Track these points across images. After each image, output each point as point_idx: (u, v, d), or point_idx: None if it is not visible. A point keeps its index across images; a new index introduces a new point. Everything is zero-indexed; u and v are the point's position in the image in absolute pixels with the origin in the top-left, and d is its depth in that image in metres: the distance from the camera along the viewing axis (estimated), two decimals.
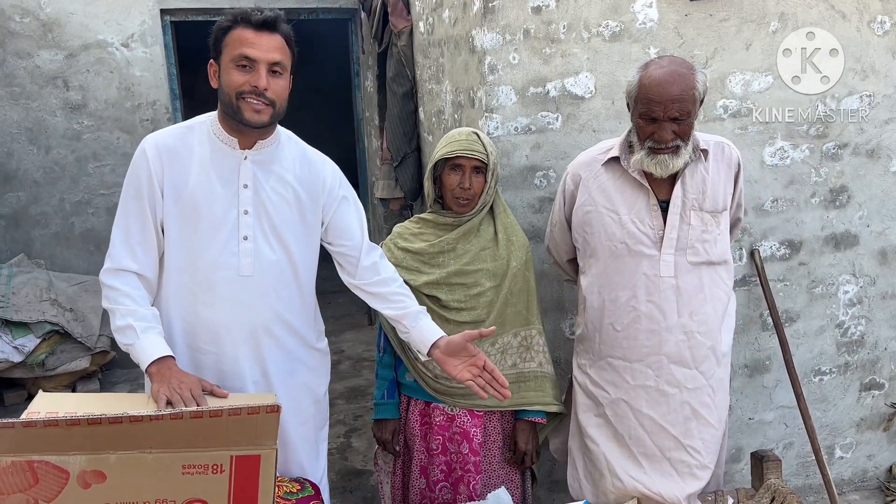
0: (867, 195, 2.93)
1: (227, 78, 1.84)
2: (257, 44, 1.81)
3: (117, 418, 1.41)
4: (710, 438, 2.18)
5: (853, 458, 3.18)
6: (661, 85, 1.96)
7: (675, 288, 2.13)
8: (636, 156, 2.07)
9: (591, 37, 2.57)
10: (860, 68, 2.80)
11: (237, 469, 1.47)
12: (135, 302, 1.86)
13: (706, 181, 2.13)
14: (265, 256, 1.94)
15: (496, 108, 2.56)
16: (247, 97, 1.82)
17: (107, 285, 1.88)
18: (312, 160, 2.05)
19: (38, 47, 4.69)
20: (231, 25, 1.84)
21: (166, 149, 1.89)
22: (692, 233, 2.12)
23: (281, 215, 1.95)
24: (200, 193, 1.89)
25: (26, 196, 4.83)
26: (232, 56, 1.82)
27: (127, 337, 1.84)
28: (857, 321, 3.03)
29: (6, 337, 4.21)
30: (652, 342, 2.16)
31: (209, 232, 1.89)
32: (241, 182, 1.92)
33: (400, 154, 3.78)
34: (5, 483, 1.44)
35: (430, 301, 2.24)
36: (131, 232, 1.88)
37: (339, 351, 5.25)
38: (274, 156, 1.97)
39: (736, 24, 2.67)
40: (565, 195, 2.30)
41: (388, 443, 2.37)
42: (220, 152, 1.91)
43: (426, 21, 3.35)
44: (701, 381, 2.17)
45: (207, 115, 1.97)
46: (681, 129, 2.01)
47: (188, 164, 1.89)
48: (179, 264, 1.91)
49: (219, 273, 1.91)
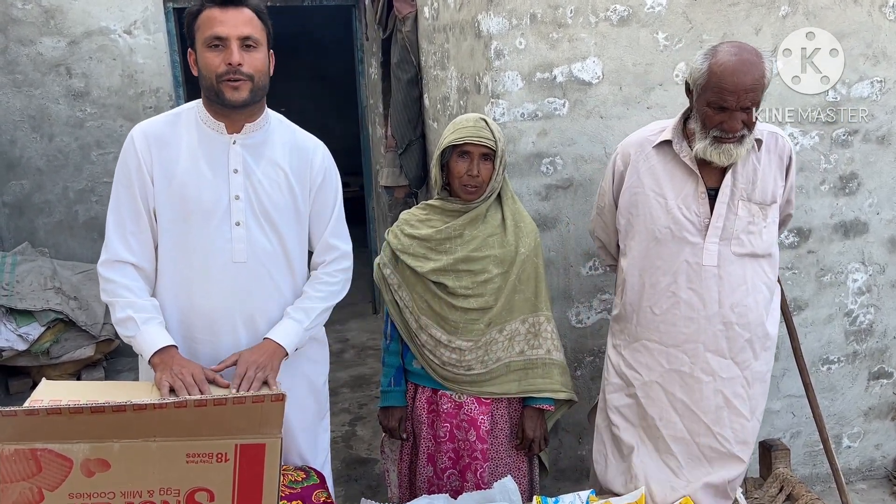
0: (877, 182, 2.89)
1: (203, 62, 1.83)
2: (224, 21, 1.79)
3: (121, 407, 1.40)
4: (740, 428, 2.16)
5: (861, 448, 3.16)
6: (735, 74, 1.90)
7: (717, 277, 2.09)
8: (699, 144, 2.02)
9: (599, 21, 2.53)
10: (871, 53, 2.76)
11: (242, 458, 1.46)
12: (133, 293, 1.85)
13: (757, 172, 2.09)
14: (258, 242, 1.92)
15: (502, 93, 2.53)
16: (224, 77, 1.81)
17: (105, 277, 1.87)
18: (304, 145, 2.03)
19: (40, 34, 4.66)
20: (200, 9, 1.83)
21: (154, 137, 1.87)
22: (738, 223, 2.08)
23: (273, 200, 1.93)
24: (190, 180, 1.87)
25: (30, 184, 4.82)
26: (203, 39, 1.81)
27: (128, 329, 1.84)
28: (865, 309, 3.00)
29: (10, 325, 4.21)
30: (690, 329, 2.13)
31: (201, 219, 1.88)
32: (231, 167, 1.90)
33: (405, 141, 3.75)
34: (8, 471, 1.43)
35: (438, 288, 2.23)
36: (125, 223, 1.87)
37: (344, 339, 5.25)
38: (264, 139, 1.95)
39: (745, 8, 2.63)
40: (615, 175, 2.24)
41: (395, 430, 2.36)
42: (207, 137, 1.90)
43: (431, 6, 3.32)
44: (735, 371, 2.14)
45: (195, 102, 1.95)
46: (749, 118, 1.96)
47: (177, 152, 1.87)
48: (173, 253, 1.90)
49: (212, 260, 1.89)
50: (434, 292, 2.23)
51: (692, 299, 2.11)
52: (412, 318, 2.28)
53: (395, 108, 3.79)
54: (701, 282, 2.09)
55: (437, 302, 2.23)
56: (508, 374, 2.27)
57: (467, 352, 2.23)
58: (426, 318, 2.25)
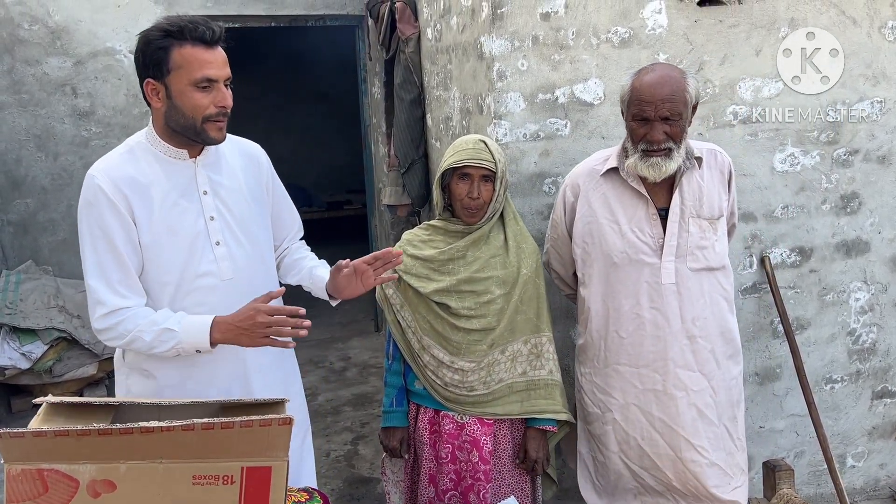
0: (878, 202, 2.91)
1: (187, 101, 1.79)
2: (214, 62, 1.78)
3: (128, 429, 1.40)
4: (713, 437, 2.23)
5: (865, 467, 3.15)
6: (652, 86, 2.03)
7: (676, 294, 2.17)
8: (630, 159, 2.11)
9: (600, 43, 2.56)
10: (871, 74, 2.79)
11: (248, 480, 1.46)
12: (144, 314, 1.84)
13: (703, 188, 2.18)
14: (238, 257, 1.96)
15: (504, 114, 2.55)
16: (212, 118, 1.81)
17: (108, 327, 1.82)
18: (248, 150, 2.09)
19: (46, 54, 4.70)
20: (176, 42, 1.77)
21: (124, 181, 1.83)
22: (691, 240, 2.16)
23: (242, 212, 1.98)
24: (169, 213, 1.87)
25: (34, 203, 4.84)
26: (192, 79, 1.77)
27: (167, 341, 1.82)
28: (868, 328, 3.01)
29: (14, 343, 4.22)
30: (657, 348, 2.19)
31: (185, 246, 1.88)
32: (201, 190, 1.92)
33: (407, 160, 3.77)
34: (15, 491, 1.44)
35: (440, 308, 2.24)
36: (109, 275, 1.83)
37: (346, 358, 5.24)
38: (219, 155, 1.98)
39: (745, 29, 2.66)
40: (566, 207, 2.31)
41: (396, 450, 2.36)
42: (172, 167, 1.89)
43: (434, 28, 3.35)
44: (703, 383, 2.21)
45: (140, 135, 1.92)
46: (672, 130, 2.05)
47: (148, 189, 1.85)
48: (164, 279, 1.89)
49: (201, 282, 1.91)
50: (437, 313, 2.24)
51: (656, 318, 2.17)
52: (415, 338, 2.29)
53: (398, 128, 3.82)
54: (662, 300, 2.16)
55: (440, 322, 2.24)
56: (511, 394, 2.27)
57: (470, 372, 2.23)
58: (429, 338, 2.26)
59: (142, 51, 1.81)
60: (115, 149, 1.92)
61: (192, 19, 1.79)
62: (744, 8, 2.64)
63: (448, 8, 3.07)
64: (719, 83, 2.67)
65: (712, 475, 2.22)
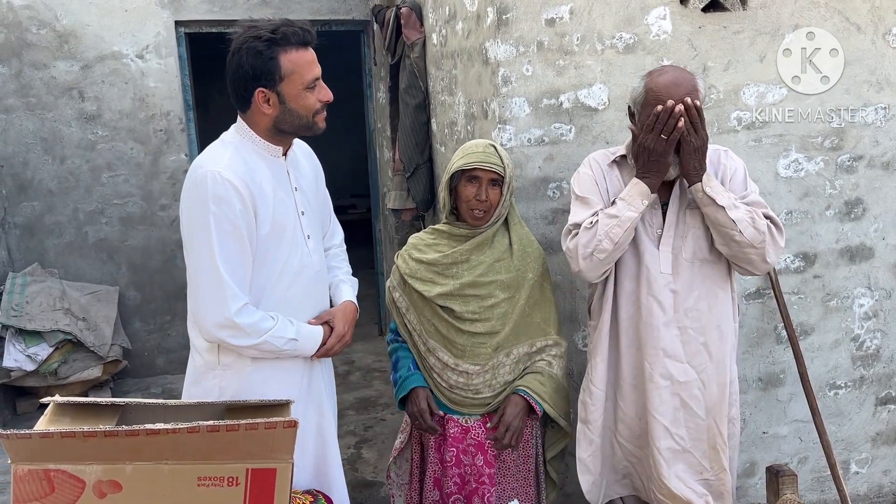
0: (882, 208, 2.91)
1: (302, 103, 1.90)
2: (315, 62, 1.92)
3: (134, 431, 1.41)
4: (694, 427, 2.25)
5: (869, 474, 3.14)
6: (668, 86, 2.05)
7: (671, 284, 2.19)
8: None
9: (605, 49, 2.57)
10: (875, 80, 2.79)
11: (253, 482, 1.47)
12: (273, 319, 1.93)
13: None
14: (320, 250, 2.11)
15: (509, 119, 2.56)
16: (319, 112, 1.95)
17: (248, 324, 1.86)
18: (308, 150, 2.21)
19: (54, 58, 4.73)
20: (281, 49, 1.84)
21: (248, 177, 1.87)
22: (689, 231, 2.18)
23: (317, 209, 2.13)
24: (277, 208, 1.94)
25: (41, 205, 4.87)
26: (305, 82, 1.88)
27: (290, 349, 1.96)
28: (872, 334, 3.00)
29: (20, 345, 4.24)
30: (648, 334, 2.21)
31: (288, 239, 1.97)
32: (293, 185, 2.02)
33: (412, 165, 3.79)
34: (22, 491, 1.45)
35: (445, 312, 2.24)
36: (237, 269, 1.86)
37: (350, 361, 5.25)
38: (296, 154, 2.09)
39: (750, 35, 2.66)
40: (595, 177, 2.26)
41: (425, 412, 2.25)
42: (273, 164, 1.98)
43: (439, 33, 3.37)
44: (692, 374, 2.23)
45: (233, 135, 1.96)
46: None
47: (262, 186, 1.91)
48: (269, 271, 1.95)
49: (302, 276, 2.01)
50: (441, 316, 2.25)
51: (651, 305, 2.19)
52: (420, 341, 2.30)
53: (403, 133, 3.83)
54: (659, 288, 2.18)
55: (445, 326, 2.25)
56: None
57: (474, 375, 2.24)
58: (434, 341, 2.27)
59: (251, 63, 1.84)
60: (215, 147, 1.94)
61: (285, 23, 1.87)
62: (748, 14, 2.65)
63: (453, 13, 3.08)
64: (723, 89, 2.68)
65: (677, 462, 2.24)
